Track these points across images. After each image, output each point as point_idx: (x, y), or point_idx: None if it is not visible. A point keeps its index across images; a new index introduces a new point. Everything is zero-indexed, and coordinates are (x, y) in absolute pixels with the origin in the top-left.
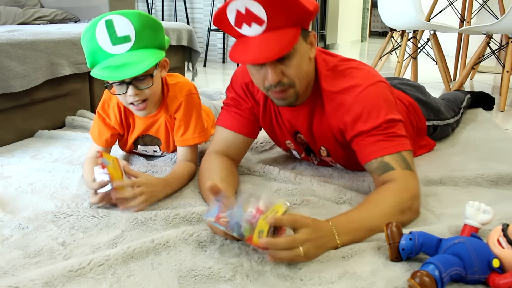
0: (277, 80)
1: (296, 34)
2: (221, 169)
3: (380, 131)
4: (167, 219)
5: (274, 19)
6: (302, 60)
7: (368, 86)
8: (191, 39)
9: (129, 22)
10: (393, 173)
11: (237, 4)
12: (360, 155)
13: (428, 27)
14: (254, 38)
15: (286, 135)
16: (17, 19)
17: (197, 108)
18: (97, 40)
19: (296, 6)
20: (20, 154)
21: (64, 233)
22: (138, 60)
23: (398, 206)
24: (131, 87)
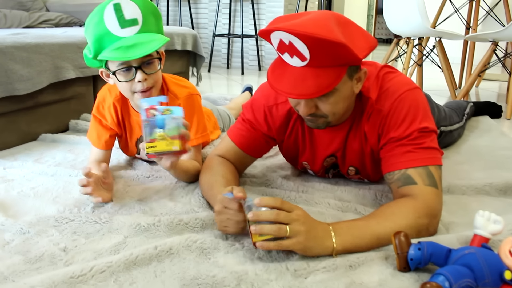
0: (308, 113)
1: (339, 75)
2: (223, 168)
3: (410, 140)
4: (171, 225)
5: (318, 59)
6: (341, 98)
7: (405, 91)
8: (196, 44)
9: (136, 5)
10: (414, 187)
11: (281, 35)
12: (384, 165)
13: (434, 34)
14: (294, 68)
15: (308, 157)
16: (22, 22)
17: (198, 108)
18: (105, 24)
19: (344, 51)
20: (23, 157)
21: (65, 238)
22: (148, 40)
23: (414, 223)
24: (139, 72)
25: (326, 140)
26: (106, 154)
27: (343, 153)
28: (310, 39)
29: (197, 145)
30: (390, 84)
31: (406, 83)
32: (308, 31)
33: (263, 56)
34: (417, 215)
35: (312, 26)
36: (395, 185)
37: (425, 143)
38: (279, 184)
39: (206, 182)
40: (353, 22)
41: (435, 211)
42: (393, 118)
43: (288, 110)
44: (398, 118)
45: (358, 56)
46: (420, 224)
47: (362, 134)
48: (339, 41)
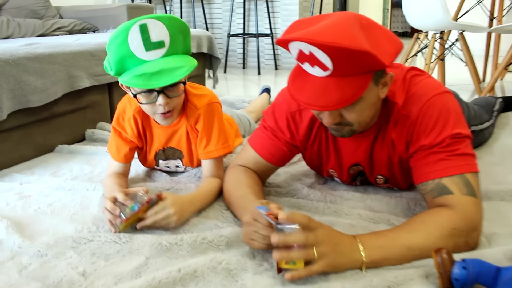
0: (332, 123)
1: (364, 84)
2: (247, 178)
3: (442, 147)
4: (194, 244)
5: (341, 69)
6: (367, 105)
7: (434, 95)
8: (211, 46)
9: (164, 26)
10: (450, 197)
11: (300, 45)
12: (416, 175)
13: (456, 27)
14: (315, 78)
15: (333, 164)
16: (36, 31)
17: (218, 117)
18: (129, 45)
19: (369, 59)
20: (39, 171)
21: (84, 261)
22: (174, 67)
23: (448, 233)
24: (161, 96)
25: (350, 148)
26: (125, 167)
27: (370, 162)
28: (332, 49)
29: (218, 157)
30: (418, 87)
31: (435, 87)
32: (330, 41)
33: (279, 55)
34: (453, 226)
35: (333, 34)
36: (430, 196)
37: (459, 150)
38: (305, 194)
39: (233, 195)
40: (377, 23)
41: (475, 222)
42: (422, 125)
43: (312, 116)
44: (427, 124)
45: (384, 63)
46: (456, 236)
47: (389, 142)
48: (363, 49)
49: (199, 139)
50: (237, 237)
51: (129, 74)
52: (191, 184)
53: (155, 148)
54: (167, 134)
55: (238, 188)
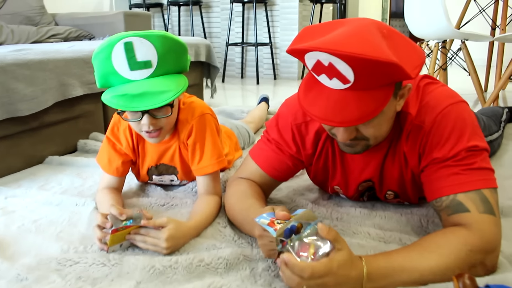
0: (348, 139)
1: (386, 97)
2: (252, 191)
3: (457, 161)
4: (190, 267)
5: (363, 81)
6: (385, 119)
7: (449, 105)
8: (209, 55)
9: (152, 46)
10: (466, 216)
11: (319, 56)
12: (428, 190)
13: (460, 36)
14: (332, 91)
15: (339, 181)
16: (30, 37)
17: (211, 130)
18: (112, 63)
19: (394, 70)
20: (27, 183)
21: (69, 286)
22: (159, 90)
23: (465, 256)
24: (146, 116)
25: (359, 164)
26: (118, 181)
27: (380, 179)
28: (356, 60)
29: (213, 173)
30: (431, 96)
31: (449, 96)
32: (355, 52)
33: (278, 65)
34: (469, 247)
35: (357, 44)
36: (445, 213)
37: (476, 163)
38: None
39: (238, 208)
40: (397, 31)
41: (494, 243)
42: (436, 136)
43: (318, 128)
44: (441, 136)
45: (410, 75)
46: (473, 259)
47: (401, 157)
48: (391, 61)
49: (191, 155)
50: (236, 258)
51: (111, 93)
52: (188, 199)
53: (147, 164)
54: (159, 151)
55: (243, 201)
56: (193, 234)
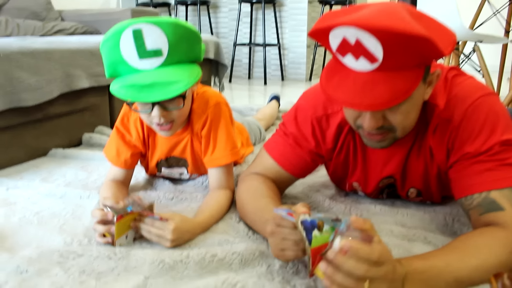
0: (375, 127)
1: (417, 78)
2: (266, 188)
3: (490, 156)
4: (202, 262)
5: (392, 59)
6: (414, 106)
7: (480, 97)
8: (218, 52)
9: (163, 33)
10: (501, 215)
11: (346, 32)
12: (458, 187)
13: (474, 38)
14: (359, 73)
15: (359, 177)
16: (36, 32)
17: (226, 119)
18: (121, 52)
19: (427, 46)
20: (29, 175)
21: (71, 280)
22: (169, 80)
23: (506, 260)
24: (157, 108)
25: (382, 158)
26: (125, 174)
27: (403, 174)
28: (387, 34)
29: (226, 165)
30: (460, 88)
31: (479, 88)
32: (384, 24)
33: (286, 66)
34: (509, 249)
35: (386, 18)
36: (476, 212)
37: (510, 159)
38: (327, 206)
39: (251, 207)
40: (426, 14)
41: None
42: (467, 129)
43: (340, 122)
44: (473, 129)
45: (443, 52)
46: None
47: (427, 151)
48: (423, 34)
49: (205, 145)
50: (252, 254)
51: (119, 82)
52: (198, 193)
53: (157, 157)
54: (171, 144)
55: (257, 199)
56: (198, 230)
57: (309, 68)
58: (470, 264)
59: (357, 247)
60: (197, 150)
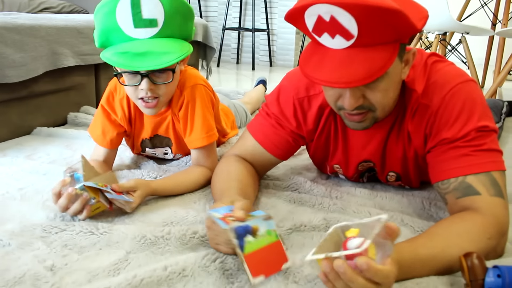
0: (355, 106)
1: (392, 54)
2: (240, 170)
3: (466, 142)
4: (183, 239)
5: (367, 35)
6: (391, 84)
7: (458, 84)
8: (206, 35)
9: (160, 3)
10: (477, 199)
11: (320, 9)
12: (435, 171)
13: (461, 29)
14: (336, 51)
15: (340, 159)
16: (21, 9)
17: (202, 101)
18: (116, 18)
19: (399, 20)
20: (13, 153)
21: (54, 254)
22: (163, 50)
23: (484, 245)
24: (146, 80)
25: (361, 141)
26: (109, 153)
27: (382, 158)
28: (360, 8)
29: (203, 147)
30: (440, 74)
31: (458, 74)
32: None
33: (275, 52)
34: (488, 235)
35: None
36: (453, 196)
37: (486, 144)
38: (308, 188)
39: (218, 188)
40: None
41: (505, 227)
42: (445, 115)
43: (321, 103)
44: (450, 115)
45: (416, 26)
46: (490, 246)
47: (405, 135)
48: (395, 8)
49: (183, 126)
50: None
51: (111, 50)
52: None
53: (144, 135)
54: (154, 122)
55: (226, 184)
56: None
57: (298, 55)
58: (452, 254)
59: (375, 271)
60: (179, 130)
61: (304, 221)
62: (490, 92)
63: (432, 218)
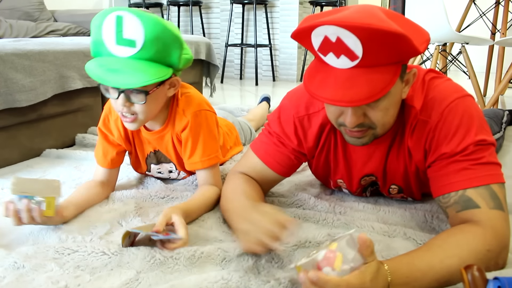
0: (356, 124)
1: (394, 75)
2: (248, 188)
3: (465, 156)
4: (192, 259)
5: (371, 56)
6: (392, 103)
7: (455, 99)
8: (209, 53)
9: (141, 26)
10: (477, 212)
11: (327, 30)
12: (436, 186)
13: (460, 39)
14: (340, 71)
15: (342, 174)
16: (29, 33)
17: (206, 127)
18: (102, 33)
19: (403, 43)
20: (24, 175)
21: (67, 275)
22: (135, 72)
23: (484, 257)
24: (121, 96)
25: (362, 157)
26: (111, 173)
27: (384, 172)
28: (366, 31)
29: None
30: (437, 90)
31: (455, 90)
32: (364, 22)
33: (277, 66)
34: (487, 247)
35: (365, 17)
36: (453, 210)
37: (484, 158)
38: (312, 204)
39: (232, 205)
40: (400, 14)
41: (506, 240)
42: (443, 131)
43: (322, 122)
44: (449, 131)
45: (419, 49)
46: (490, 258)
47: (405, 151)
48: (399, 32)
49: (183, 147)
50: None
51: (94, 62)
52: (188, 192)
53: (147, 151)
54: (153, 139)
55: (238, 198)
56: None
57: (300, 69)
58: (452, 265)
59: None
60: (179, 149)
61: (309, 237)
62: (492, 100)
63: (435, 231)
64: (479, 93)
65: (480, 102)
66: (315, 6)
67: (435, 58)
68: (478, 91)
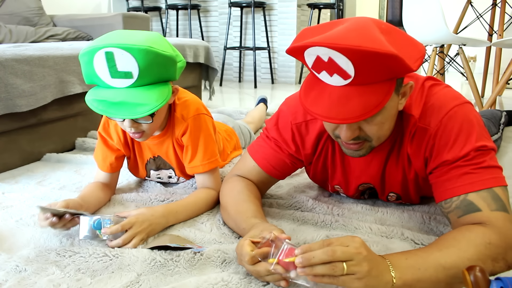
0: (351, 137)
1: (388, 91)
2: (247, 191)
3: (466, 161)
4: (192, 261)
5: (364, 75)
6: (388, 117)
7: (454, 106)
8: (208, 56)
9: (133, 58)
10: (478, 215)
11: (319, 51)
12: (437, 192)
13: (458, 41)
14: (334, 88)
15: (340, 181)
16: (28, 37)
17: (206, 130)
18: (94, 69)
19: (395, 63)
20: (24, 180)
21: (68, 278)
22: (137, 102)
23: (484, 250)
24: (127, 120)
25: (360, 165)
26: (111, 177)
27: (382, 181)
28: (356, 53)
29: (208, 171)
30: (436, 98)
31: (454, 97)
32: (353, 44)
33: (276, 69)
34: (487, 240)
35: (355, 37)
36: (455, 215)
37: (485, 162)
38: (310, 206)
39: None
40: (396, 28)
41: (511, 240)
42: (443, 138)
43: (319, 129)
44: (449, 138)
45: (412, 68)
46: (494, 252)
47: (404, 158)
48: (390, 52)
49: (184, 152)
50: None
51: (93, 94)
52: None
53: (146, 157)
54: (153, 145)
55: (239, 203)
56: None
57: (299, 71)
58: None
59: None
60: (179, 154)
61: (308, 239)
62: (490, 101)
63: (432, 232)
64: (477, 94)
65: (478, 103)
66: (313, 8)
67: (432, 59)
68: (476, 92)
